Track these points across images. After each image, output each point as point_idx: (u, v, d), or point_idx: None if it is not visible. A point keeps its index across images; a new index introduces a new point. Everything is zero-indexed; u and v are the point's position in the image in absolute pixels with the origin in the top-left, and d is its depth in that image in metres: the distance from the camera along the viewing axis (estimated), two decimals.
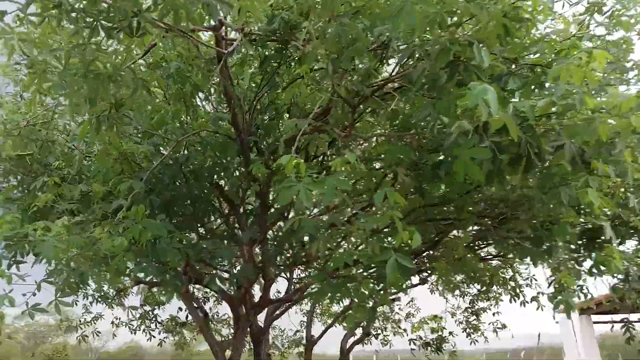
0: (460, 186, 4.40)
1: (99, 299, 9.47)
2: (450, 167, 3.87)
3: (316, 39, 2.85)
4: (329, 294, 4.62)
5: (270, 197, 5.93)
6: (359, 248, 5.19)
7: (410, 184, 4.12)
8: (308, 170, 2.80)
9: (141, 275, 5.10)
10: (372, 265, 4.11)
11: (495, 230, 5.05)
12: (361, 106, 3.91)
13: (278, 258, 5.29)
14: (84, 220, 4.25)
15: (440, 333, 8.72)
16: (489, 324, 8.82)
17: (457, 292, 8.91)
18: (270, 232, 6.28)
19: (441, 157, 4.37)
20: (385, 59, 3.78)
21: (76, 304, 8.57)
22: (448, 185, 4.33)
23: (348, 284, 4.56)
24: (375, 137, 4.11)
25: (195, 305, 7.11)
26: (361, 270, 4.32)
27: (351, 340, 8.00)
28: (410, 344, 8.91)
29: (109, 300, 9.82)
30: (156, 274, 4.35)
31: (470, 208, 4.57)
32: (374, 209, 4.78)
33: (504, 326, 8.75)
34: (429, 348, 8.84)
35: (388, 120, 4.14)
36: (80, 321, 9.44)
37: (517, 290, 7.75)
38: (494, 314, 8.74)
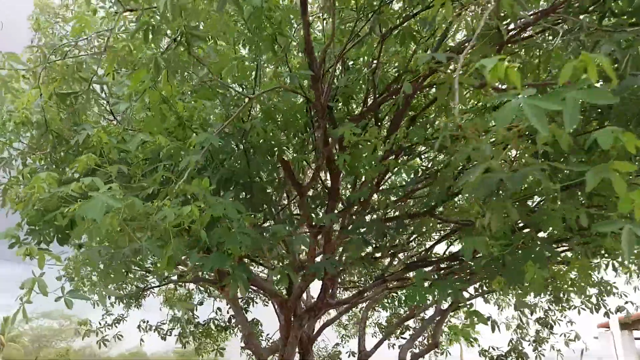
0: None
1: (121, 300, 8.53)
2: None
3: None
4: (431, 294, 3.75)
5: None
6: None
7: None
8: None
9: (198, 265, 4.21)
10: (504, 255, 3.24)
11: None
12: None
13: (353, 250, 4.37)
14: (136, 187, 3.37)
15: (517, 347, 7.71)
16: (560, 335, 7.84)
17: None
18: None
19: None
20: None
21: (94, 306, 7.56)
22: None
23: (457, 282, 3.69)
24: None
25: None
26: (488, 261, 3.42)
27: (410, 353, 7.07)
28: (480, 356, 7.89)
29: (129, 301, 8.87)
30: (223, 265, 3.45)
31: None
32: None
33: (577, 337, 7.76)
34: None
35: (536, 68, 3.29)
36: (100, 324, 8.49)
37: (598, 300, 6.80)
38: (567, 323, 7.77)
